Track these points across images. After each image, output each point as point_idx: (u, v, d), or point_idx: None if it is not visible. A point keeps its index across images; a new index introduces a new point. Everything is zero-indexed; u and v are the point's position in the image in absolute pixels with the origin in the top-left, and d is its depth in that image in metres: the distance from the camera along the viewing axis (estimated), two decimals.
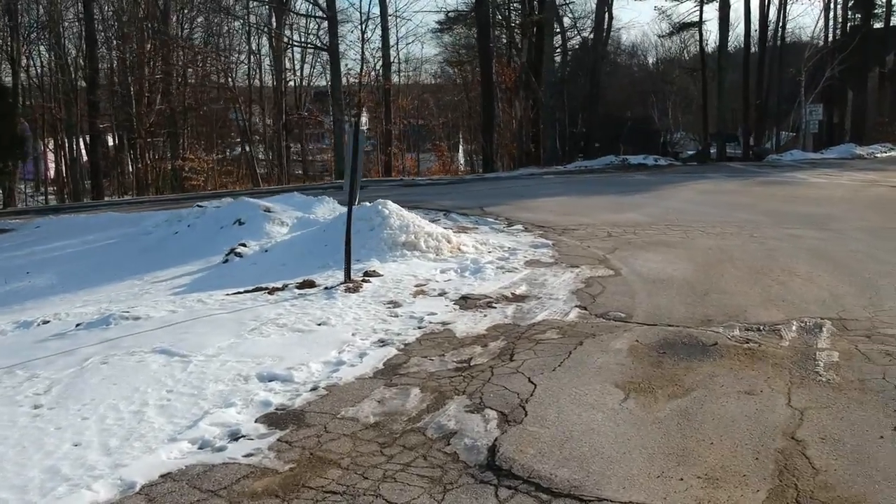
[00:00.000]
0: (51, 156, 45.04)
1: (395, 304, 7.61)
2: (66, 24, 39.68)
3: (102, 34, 39.61)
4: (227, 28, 40.44)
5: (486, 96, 30.05)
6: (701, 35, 32.88)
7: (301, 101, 43.33)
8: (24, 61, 40.53)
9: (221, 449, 4.52)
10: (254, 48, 41.42)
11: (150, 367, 5.88)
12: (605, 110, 37.20)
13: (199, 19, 41.09)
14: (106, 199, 32.83)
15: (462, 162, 44.61)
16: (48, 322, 7.96)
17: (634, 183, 19.91)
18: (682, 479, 4.02)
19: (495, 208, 15.05)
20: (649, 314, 7.08)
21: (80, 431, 4.73)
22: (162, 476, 4.21)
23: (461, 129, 45.44)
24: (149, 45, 36.46)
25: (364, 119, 41.52)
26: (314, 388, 5.45)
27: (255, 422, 4.90)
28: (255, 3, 35.88)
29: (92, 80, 36.46)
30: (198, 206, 16.29)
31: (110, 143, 40.78)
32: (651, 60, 57.95)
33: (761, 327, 6.57)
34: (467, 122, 42.02)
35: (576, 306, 7.43)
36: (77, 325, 7.60)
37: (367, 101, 33.33)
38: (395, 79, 38.60)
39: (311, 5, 33.23)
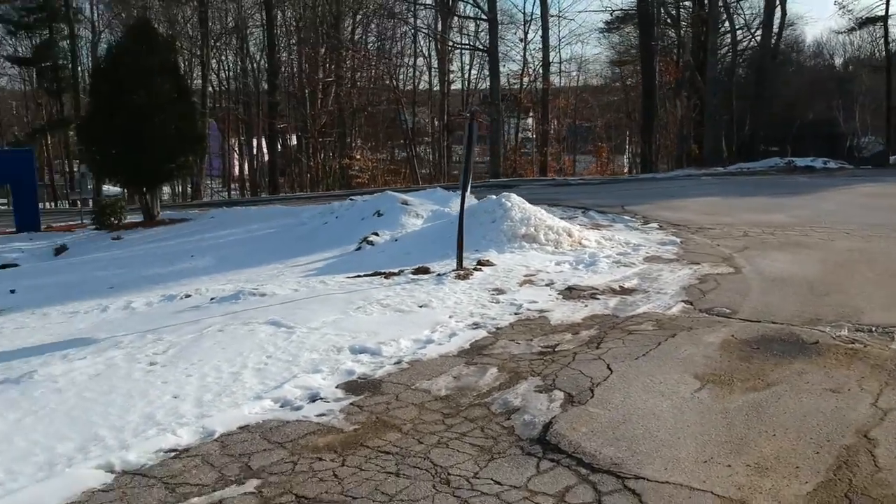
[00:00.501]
0: (236, 154, 48.52)
1: (500, 292, 7.78)
2: (250, 30, 42.67)
3: (284, 39, 42.29)
4: (398, 32, 42.02)
5: (647, 96, 29.45)
6: (886, 30, 30.56)
7: (467, 103, 44.20)
8: (213, 65, 44.03)
9: (298, 408, 4.89)
10: (421, 51, 42.79)
11: (259, 335, 6.39)
12: (781, 111, 35.28)
13: (372, 25, 42.97)
14: (280, 194, 35.03)
15: (627, 163, 43.88)
16: (189, 296, 8.77)
17: (794, 185, 18.91)
18: (729, 466, 3.94)
19: (636, 207, 14.82)
20: (755, 311, 6.84)
21: (181, 386, 5.26)
22: (240, 427, 4.62)
23: (626, 129, 44.69)
24: (322, 49, 38.50)
25: (530, 121, 41.83)
26: (398, 362, 5.74)
27: (336, 387, 5.25)
28: (420, 7, 36.98)
29: (271, 84, 39.06)
30: (350, 199, 17.19)
31: (292, 142, 43.24)
32: (839, 60, 54.32)
33: (873, 329, 6.20)
34: (629, 123, 41.28)
35: (682, 301, 7.30)
36: (211, 299, 8.34)
37: (526, 102, 33.53)
38: (555, 79, 38.62)
39: (473, 8, 33.84)
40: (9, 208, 29.95)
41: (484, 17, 30.92)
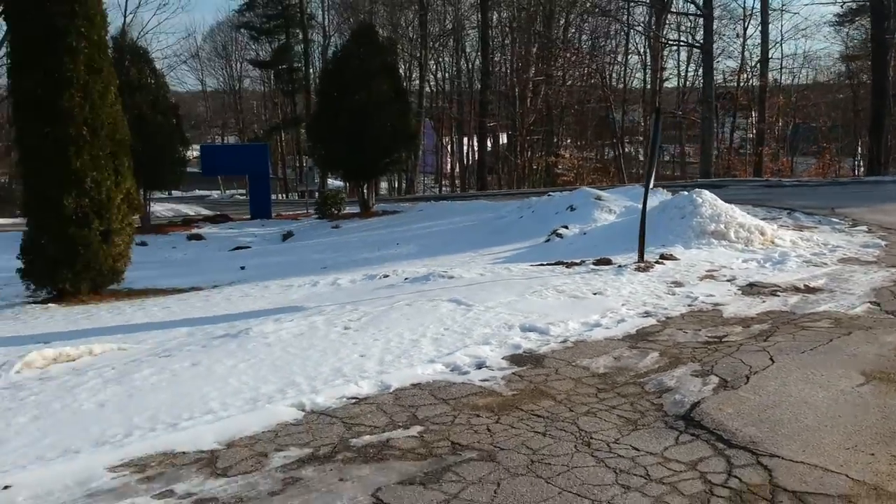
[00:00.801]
0: (448, 152, 50.39)
1: (677, 284, 7.88)
2: (466, 31, 44.20)
3: (498, 39, 43.40)
4: (611, 30, 41.77)
5: (878, 93, 27.32)
6: None
7: (682, 101, 43.07)
8: (431, 66, 46.07)
9: (465, 373, 5.42)
10: (636, 48, 42.27)
11: (440, 310, 7.01)
12: None
13: (585, 24, 43.01)
14: (486, 191, 36.09)
15: (860, 165, 40.74)
16: (387, 276, 9.62)
17: None
18: (872, 454, 3.96)
19: (848, 210, 14.03)
20: None
21: (368, 348, 5.96)
22: (412, 385, 5.21)
23: (857, 130, 41.48)
24: (534, 49, 39.15)
25: (748, 120, 40.05)
26: (563, 341, 6.11)
27: (502, 359, 5.72)
28: (634, 4, 36.58)
29: (484, 83, 40.27)
30: (548, 195, 17.63)
31: (502, 141, 44.30)
32: None
33: None
34: (857, 122, 38.31)
35: (868, 302, 7.05)
36: (405, 279, 9.12)
37: (742, 100, 32.22)
38: (776, 76, 36.70)
39: (689, 4, 33.00)
40: (246, 198, 33.24)
41: (699, 12, 30.11)
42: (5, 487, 3.78)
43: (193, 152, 34.91)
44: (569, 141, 43.19)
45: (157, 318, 8.37)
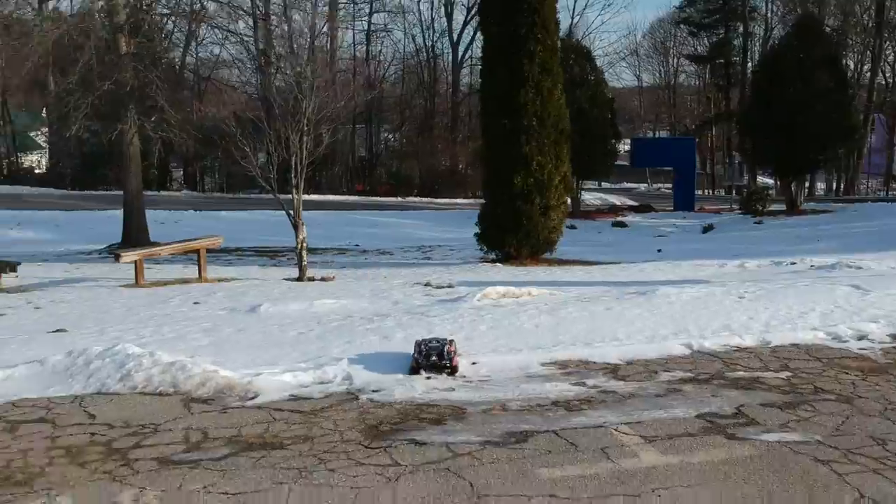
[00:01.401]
0: None
1: None
2: None
3: None
4: None
5: None
6: None
7: None
8: (888, 56, 42.01)
9: (844, 341, 6.00)
10: None
11: (836, 292, 7.48)
12: None
13: None
14: None
15: None
16: (794, 264, 10.11)
17: None
18: None
19: None
20: None
21: (756, 313, 6.79)
22: (791, 344, 5.96)
23: None
24: None
25: None
26: None
27: (886, 335, 6.15)
28: None
29: None
30: None
31: None
32: None
33: None
34: None
35: None
36: (811, 266, 9.55)
37: None
38: None
39: None
40: (670, 192, 34.24)
41: None
42: (473, 363, 5.50)
43: (624, 146, 36.68)
44: None
45: (581, 279, 9.96)
